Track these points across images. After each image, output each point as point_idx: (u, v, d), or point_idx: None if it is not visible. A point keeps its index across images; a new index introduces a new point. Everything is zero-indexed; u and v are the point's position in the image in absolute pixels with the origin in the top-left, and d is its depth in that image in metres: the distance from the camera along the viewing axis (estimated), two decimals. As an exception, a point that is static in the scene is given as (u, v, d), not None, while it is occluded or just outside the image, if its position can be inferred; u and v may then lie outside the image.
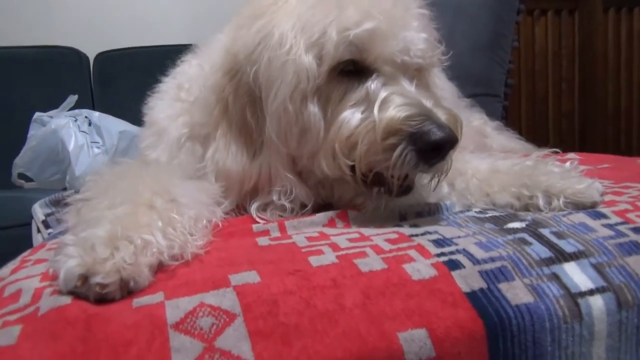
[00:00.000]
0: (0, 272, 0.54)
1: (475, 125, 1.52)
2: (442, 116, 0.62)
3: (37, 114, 1.52)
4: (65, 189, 1.43)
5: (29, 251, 0.63)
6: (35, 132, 1.49)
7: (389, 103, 0.62)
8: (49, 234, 0.90)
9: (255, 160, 0.68)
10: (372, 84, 0.64)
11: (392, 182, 0.63)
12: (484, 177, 0.72)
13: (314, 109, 0.63)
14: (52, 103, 1.62)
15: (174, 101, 0.78)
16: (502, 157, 0.77)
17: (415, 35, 0.66)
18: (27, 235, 0.96)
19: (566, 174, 0.68)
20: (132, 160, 0.77)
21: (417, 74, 0.69)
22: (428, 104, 0.62)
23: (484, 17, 1.68)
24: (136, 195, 0.56)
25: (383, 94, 0.63)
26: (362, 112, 0.63)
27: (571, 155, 1.18)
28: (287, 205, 0.67)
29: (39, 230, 0.93)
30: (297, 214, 0.68)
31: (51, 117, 1.47)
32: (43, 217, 0.94)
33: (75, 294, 0.45)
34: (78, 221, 0.53)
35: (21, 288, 0.47)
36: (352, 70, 0.65)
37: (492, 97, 1.71)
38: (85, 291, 0.44)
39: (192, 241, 0.55)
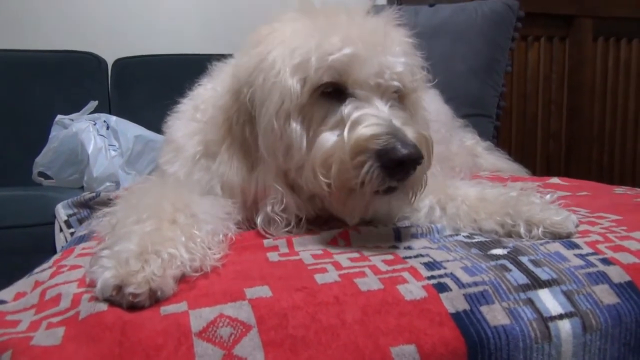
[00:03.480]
0: (39, 276, 0.59)
1: (468, 145, 1.60)
2: (410, 134, 0.66)
3: (59, 117, 1.58)
4: (82, 187, 1.49)
5: (60, 254, 0.68)
6: (56, 134, 1.56)
7: (359, 123, 0.66)
8: (70, 233, 0.95)
9: (252, 173, 0.74)
10: (347, 106, 0.69)
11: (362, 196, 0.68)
12: (473, 204, 0.79)
13: (296, 127, 0.69)
14: (71, 105, 1.68)
15: (190, 121, 0.84)
16: (490, 186, 0.84)
17: (392, 59, 0.70)
18: (48, 233, 1.01)
19: (546, 206, 0.76)
20: (153, 174, 0.83)
21: (396, 96, 0.73)
22: (397, 123, 0.66)
23: (481, 43, 1.77)
24: (160, 211, 0.63)
25: (355, 115, 0.67)
26: (337, 135, 0.68)
27: (555, 179, 1.26)
28: (281, 215, 0.72)
29: (61, 230, 0.98)
30: (294, 227, 0.73)
31: (72, 120, 1.54)
32: (65, 218, 1.00)
33: (110, 301, 0.51)
34: (110, 234, 0.59)
35: (61, 292, 0.53)
36: (333, 92, 0.70)
37: (485, 118, 1.80)
38: (119, 299, 0.50)
39: (211, 255, 0.61)
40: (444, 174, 1.25)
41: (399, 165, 0.63)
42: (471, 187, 0.82)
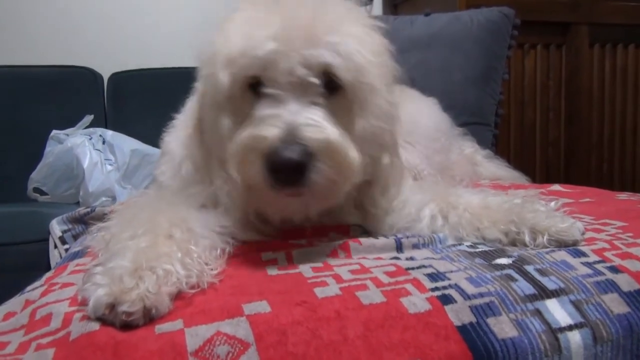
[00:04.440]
0: (30, 295, 0.57)
1: (467, 153, 1.59)
2: (311, 136, 0.61)
3: (54, 132, 1.57)
4: (78, 202, 1.47)
5: (52, 272, 0.67)
6: (52, 149, 1.55)
7: (261, 122, 0.63)
8: (65, 250, 0.93)
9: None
10: (261, 104, 0.65)
11: None
12: (475, 212, 0.77)
13: (224, 120, 0.68)
14: (67, 120, 1.67)
15: (182, 132, 0.83)
16: (492, 193, 0.83)
17: (323, 53, 0.64)
18: (42, 250, 0.99)
19: (551, 213, 0.74)
20: (150, 187, 0.81)
21: (322, 91, 0.66)
22: (304, 124, 0.62)
23: (478, 52, 1.77)
24: (156, 226, 0.61)
25: (260, 114, 0.64)
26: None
27: (556, 186, 1.25)
28: (227, 201, 0.70)
29: (55, 246, 0.96)
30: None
31: (67, 135, 1.53)
32: (60, 234, 0.98)
33: (103, 320, 0.49)
34: (104, 250, 0.58)
35: (52, 312, 0.51)
36: (259, 87, 0.66)
37: (483, 126, 1.79)
38: (112, 318, 0.48)
39: (208, 270, 0.59)
40: (444, 183, 1.24)
41: (280, 169, 0.60)
42: (473, 195, 0.81)
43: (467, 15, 1.83)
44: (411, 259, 0.68)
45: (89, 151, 1.44)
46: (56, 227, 0.99)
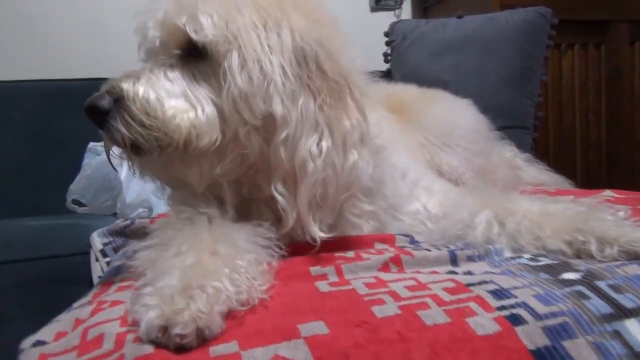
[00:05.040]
0: (80, 313, 0.56)
1: (507, 157, 1.53)
2: (123, 87, 0.64)
3: (92, 144, 1.59)
4: (115, 214, 1.48)
5: (98, 288, 0.65)
6: (89, 161, 1.56)
7: None
8: (106, 262, 0.93)
9: None
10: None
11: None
12: (536, 219, 0.71)
13: None
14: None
15: None
16: (551, 200, 0.78)
17: (173, 20, 0.65)
18: (84, 262, 0.99)
19: (620, 222, 0.69)
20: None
21: (176, 54, 0.66)
22: (125, 82, 0.64)
23: (512, 53, 1.72)
24: (199, 242, 0.59)
25: None
26: None
27: (608, 192, 1.18)
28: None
29: (97, 259, 0.96)
30: None
31: (104, 147, 1.53)
32: (101, 247, 0.98)
33: (156, 343, 0.47)
34: (150, 269, 0.56)
35: (103, 332, 0.49)
36: None
37: (521, 130, 1.73)
38: (166, 341, 0.46)
39: (257, 286, 0.56)
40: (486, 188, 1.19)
41: (86, 109, 0.64)
42: (531, 200, 0.76)
43: (502, 16, 1.78)
44: (469, 273, 0.64)
45: (125, 163, 1.45)
46: (97, 240, 0.99)
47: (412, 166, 0.92)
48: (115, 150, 0.68)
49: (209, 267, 0.54)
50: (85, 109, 0.64)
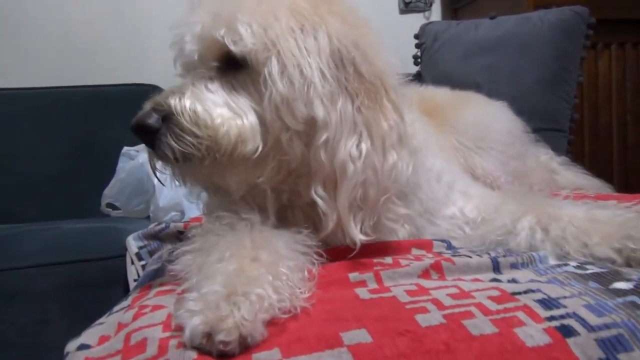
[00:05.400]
0: (122, 317, 0.56)
1: (543, 160, 1.49)
2: (171, 103, 0.64)
3: (126, 148, 1.62)
4: (148, 217, 1.50)
5: (137, 291, 0.66)
6: (123, 165, 1.59)
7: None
8: (142, 266, 0.94)
9: None
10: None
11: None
12: (582, 226, 0.69)
13: None
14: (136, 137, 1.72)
15: None
16: (598, 205, 0.75)
17: (209, 34, 0.66)
18: (120, 265, 1.01)
19: None
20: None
21: (213, 66, 0.67)
22: (171, 98, 0.65)
23: (548, 53, 1.67)
24: (241, 248, 0.59)
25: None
26: None
27: (652, 197, 1.13)
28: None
29: (132, 262, 0.97)
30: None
31: (138, 151, 1.57)
32: (136, 250, 0.99)
33: (199, 348, 0.47)
34: (194, 274, 0.56)
35: (146, 337, 0.50)
36: None
37: (557, 132, 1.68)
38: (209, 347, 0.46)
39: (299, 293, 0.56)
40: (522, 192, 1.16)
41: (132, 129, 0.66)
42: (576, 206, 0.73)
43: (537, 16, 1.73)
44: (513, 281, 0.62)
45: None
46: (132, 244, 1.01)
47: (447, 169, 0.90)
48: (159, 164, 0.69)
49: (252, 274, 0.54)
50: (134, 129, 0.65)
